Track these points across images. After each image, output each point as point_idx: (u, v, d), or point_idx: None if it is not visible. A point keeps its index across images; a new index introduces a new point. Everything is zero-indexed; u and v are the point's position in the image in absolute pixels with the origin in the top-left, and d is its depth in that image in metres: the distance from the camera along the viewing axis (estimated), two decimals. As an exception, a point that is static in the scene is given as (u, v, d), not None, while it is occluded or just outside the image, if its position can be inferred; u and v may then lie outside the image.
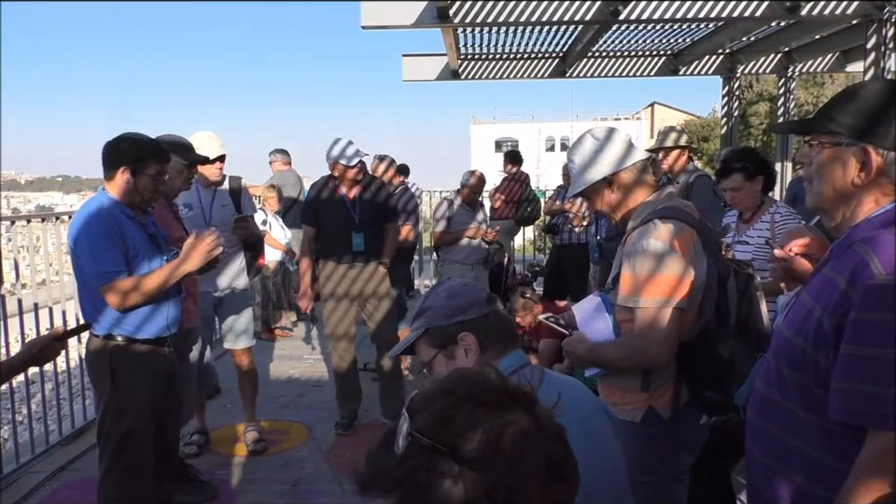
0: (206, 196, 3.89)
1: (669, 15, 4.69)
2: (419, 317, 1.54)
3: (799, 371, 1.26)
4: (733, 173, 3.20)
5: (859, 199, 1.28)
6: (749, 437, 1.42)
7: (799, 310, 1.31)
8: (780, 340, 1.35)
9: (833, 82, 22.04)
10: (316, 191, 4.30)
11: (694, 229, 1.92)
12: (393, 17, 4.69)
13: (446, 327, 1.48)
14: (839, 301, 1.19)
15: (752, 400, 1.43)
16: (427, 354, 1.51)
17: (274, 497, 3.48)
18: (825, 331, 1.20)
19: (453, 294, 1.53)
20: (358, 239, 4.16)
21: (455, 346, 1.47)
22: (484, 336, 1.47)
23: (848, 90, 1.34)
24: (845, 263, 1.22)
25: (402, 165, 8.42)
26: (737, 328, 1.94)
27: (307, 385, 5.32)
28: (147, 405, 2.68)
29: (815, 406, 1.23)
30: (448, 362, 1.47)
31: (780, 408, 1.31)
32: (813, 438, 1.25)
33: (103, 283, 2.54)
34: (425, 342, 1.52)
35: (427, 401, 0.84)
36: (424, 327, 1.52)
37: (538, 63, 7.49)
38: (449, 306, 1.50)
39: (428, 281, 9.03)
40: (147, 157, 2.63)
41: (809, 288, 1.33)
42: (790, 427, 1.29)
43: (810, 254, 1.80)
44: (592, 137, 2.08)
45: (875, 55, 4.89)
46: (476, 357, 1.45)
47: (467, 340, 1.46)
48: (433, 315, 1.51)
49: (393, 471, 0.79)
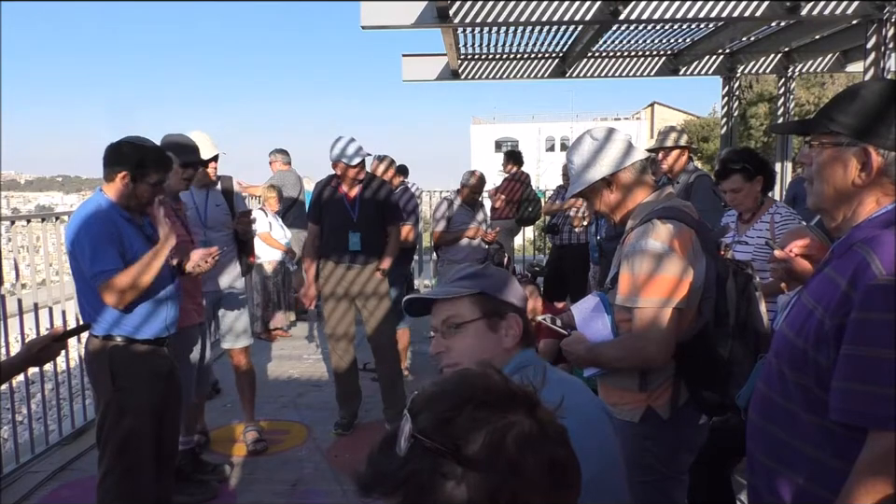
0: (200, 196, 3.90)
1: (669, 15, 4.69)
2: (473, 279, 1.48)
3: (800, 372, 1.26)
4: (732, 174, 3.18)
5: (860, 199, 1.28)
6: (751, 438, 1.42)
7: (800, 311, 1.31)
8: (781, 340, 1.35)
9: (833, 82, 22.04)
10: (319, 190, 4.32)
11: (693, 229, 1.92)
12: (393, 17, 4.69)
13: (502, 300, 1.45)
14: (840, 302, 1.18)
15: (754, 401, 1.43)
16: (469, 314, 1.44)
17: (274, 497, 3.48)
18: (826, 332, 1.20)
19: (511, 280, 1.52)
20: (355, 238, 4.16)
21: (501, 320, 1.44)
22: (527, 327, 1.47)
23: (849, 90, 1.33)
24: (846, 264, 1.22)
25: (402, 166, 8.41)
26: (736, 328, 1.93)
27: (307, 385, 5.32)
28: (147, 405, 2.68)
29: (816, 406, 1.22)
30: (486, 333, 1.43)
31: (781, 408, 1.31)
32: (814, 438, 1.24)
33: (100, 282, 2.54)
34: (472, 301, 1.45)
35: (429, 403, 0.83)
36: (479, 288, 1.46)
37: (537, 63, 7.49)
38: (509, 286, 1.48)
39: (428, 281, 9.03)
40: (148, 164, 2.62)
41: (810, 289, 1.33)
42: (791, 427, 1.29)
43: (810, 254, 1.80)
44: (591, 137, 2.08)
45: (875, 55, 4.89)
46: (514, 343, 1.44)
47: (513, 321, 1.44)
48: (489, 284, 1.47)
49: (395, 473, 0.79)
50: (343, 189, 4.21)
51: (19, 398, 4.34)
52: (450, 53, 6.31)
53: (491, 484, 0.76)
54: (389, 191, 4.40)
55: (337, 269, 4.24)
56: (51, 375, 5.25)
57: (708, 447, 2.18)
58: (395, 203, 4.47)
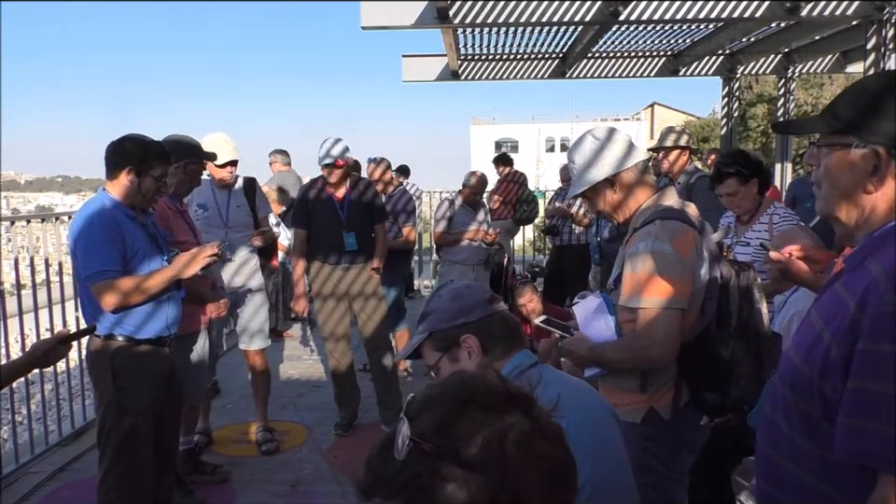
0: (222, 197, 3.92)
1: (669, 15, 4.69)
2: (423, 321, 1.54)
3: (804, 400, 1.17)
4: (726, 178, 3.15)
5: (872, 205, 1.17)
6: (757, 464, 1.34)
7: (808, 332, 1.21)
8: (787, 365, 1.25)
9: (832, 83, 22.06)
10: (304, 193, 4.29)
11: (696, 230, 1.92)
12: (393, 17, 4.70)
13: (449, 329, 1.48)
14: (849, 327, 1.09)
15: (760, 424, 1.35)
16: (432, 357, 1.51)
17: (274, 498, 3.48)
18: (832, 360, 1.10)
19: (456, 296, 1.53)
20: (351, 239, 4.15)
21: (458, 349, 1.47)
22: (487, 337, 1.47)
23: (857, 86, 1.23)
24: (856, 282, 1.12)
25: (403, 166, 8.43)
26: (738, 329, 1.93)
27: (307, 386, 5.32)
28: (148, 405, 2.68)
29: (819, 438, 1.14)
30: (452, 365, 1.47)
31: (785, 435, 1.23)
32: (816, 469, 1.16)
33: (93, 282, 2.54)
34: (429, 345, 1.51)
35: (426, 405, 0.83)
36: (427, 330, 1.51)
37: (537, 64, 7.50)
38: (452, 308, 1.50)
39: (428, 281, 9.03)
40: (151, 158, 2.64)
41: (820, 306, 1.23)
42: (793, 456, 1.21)
43: (807, 256, 1.79)
44: (592, 138, 2.07)
45: (874, 56, 4.89)
46: (479, 359, 1.45)
47: (469, 342, 1.46)
48: (436, 319, 1.51)
49: (395, 477, 0.78)
50: (330, 190, 4.20)
51: (19, 398, 4.34)
52: (450, 54, 6.32)
53: (491, 486, 0.76)
54: (375, 192, 4.38)
55: (326, 269, 4.23)
56: (51, 376, 5.23)
57: (708, 447, 2.17)
58: (381, 203, 4.44)
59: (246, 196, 4.04)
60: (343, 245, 4.16)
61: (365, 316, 4.30)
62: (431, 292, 1.60)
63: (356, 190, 4.25)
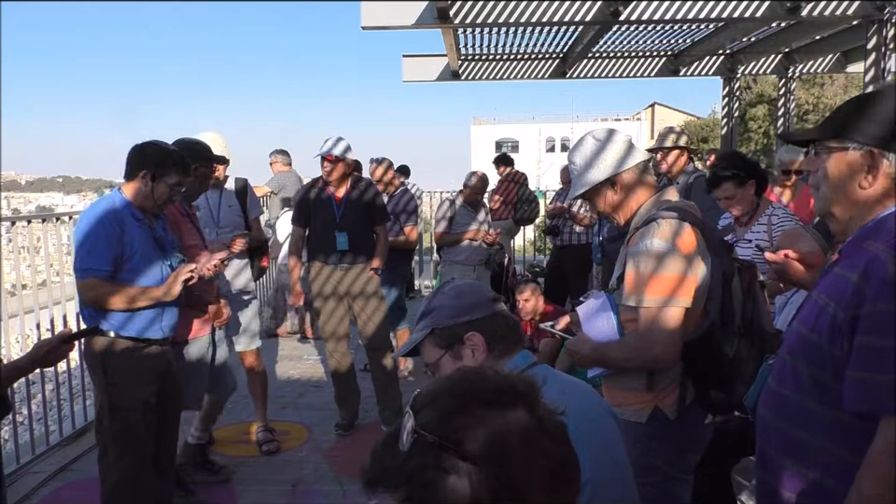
0: (213, 197, 3.91)
1: (669, 15, 4.69)
2: (424, 318, 1.53)
3: (815, 367, 1.28)
4: (723, 181, 3.14)
5: (867, 203, 1.29)
6: (763, 436, 1.43)
7: (812, 308, 1.33)
8: (795, 338, 1.37)
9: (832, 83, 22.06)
10: (305, 192, 4.31)
11: (698, 228, 1.92)
12: (393, 17, 4.70)
13: (453, 326, 1.47)
14: (852, 294, 1.21)
15: (764, 399, 1.44)
16: (434, 354, 1.50)
17: (274, 497, 3.48)
18: (839, 324, 1.22)
19: (459, 294, 1.52)
20: (342, 238, 4.15)
21: (461, 346, 1.46)
22: (491, 336, 1.46)
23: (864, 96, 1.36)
24: (856, 261, 1.24)
25: (403, 166, 8.42)
26: (742, 327, 1.93)
27: (307, 386, 5.32)
28: (139, 401, 2.69)
29: (831, 400, 1.24)
30: (455, 362, 1.46)
31: (796, 405, 1.33)
32: (829, 433, 1.27)
33: (80, 277, 2.60)
34: (431, 342, 1.51)
35: (431, 399, 0.84)
36: (430, 327, 1.51)
37: (538, 64, 7.49)
38: (456, 306, 1.49)
39: (428, 281, 9.03)
40: (169, 165, 2.67)
41: (821, 287, 1.35)
42: (805, 423, 1.31)
43: (805, 258, 1.81)
44: (593, 138, 2.08)
45: (875, 56, 4.89)
46: (483, 357, 1.45)
47: (474, 339, 1.46)
48: (439, 315, 1.50)
49: (399, 468, 0.80)
50: (330, 189, 4.21)
51: (19, 398, 4.34)
52: (450, 54, 6.32)
53: (493, 479, 0.77)
54: (376, 192, 4.38)
55: (326, 269, 4.24)
56: (52, 376, 5.24)
57: (709, 447, 2.17)
58: (382, 204, 4.45)
59: (238, 197, 4.05)
60: (336, 245, 4.17)
61: (365, 317, 4.30)
62: (432, 291, 1.59)
63: (355, 190, 4.25)
